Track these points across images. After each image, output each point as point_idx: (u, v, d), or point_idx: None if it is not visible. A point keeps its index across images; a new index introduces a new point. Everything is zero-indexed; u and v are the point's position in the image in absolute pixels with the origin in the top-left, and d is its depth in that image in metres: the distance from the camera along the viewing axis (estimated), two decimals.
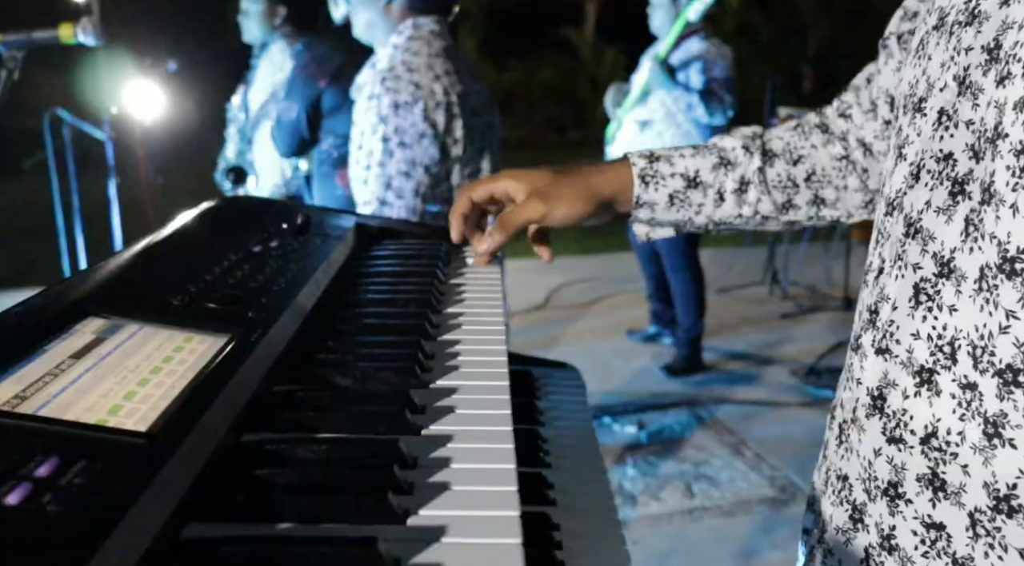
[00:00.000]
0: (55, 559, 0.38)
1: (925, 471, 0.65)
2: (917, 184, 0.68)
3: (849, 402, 0.74)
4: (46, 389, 0.54)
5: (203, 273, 0.80)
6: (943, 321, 0.63)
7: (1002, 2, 0.61)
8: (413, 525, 0.50)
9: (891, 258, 0.70)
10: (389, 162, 1.89)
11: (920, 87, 0.70)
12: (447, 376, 0.72)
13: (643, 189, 0.99)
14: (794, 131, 1.04)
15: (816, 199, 1.02)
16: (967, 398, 0.62)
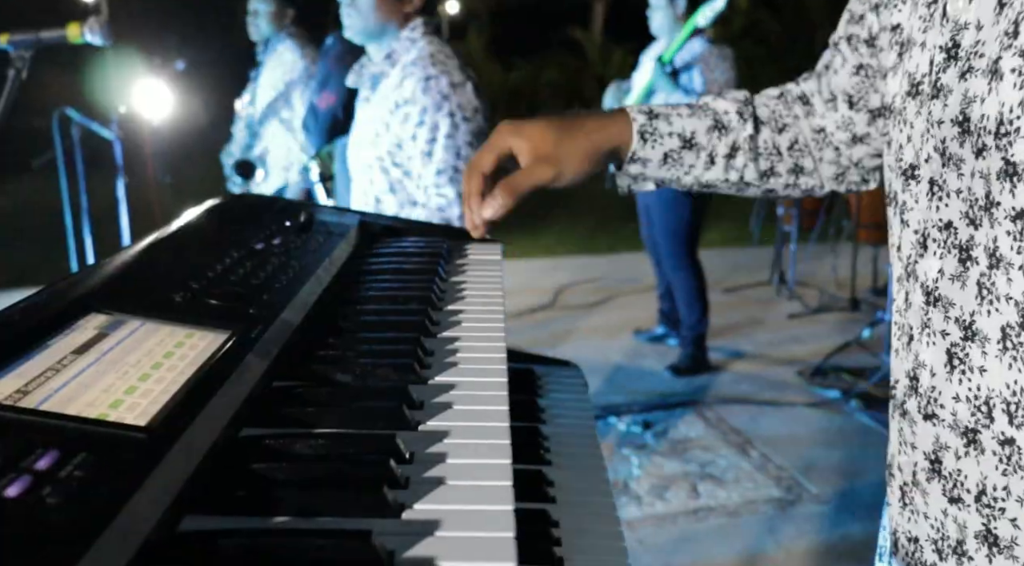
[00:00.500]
0: (53, 550, 0.38)
1: (980, 528, 0.68)
2: (926, 253, 0.70)
3: (907, 466, 0.76)
4: (48, 384, 0.55)
5: (205, 270, 0.80)
6: (976, 382, 0.66)
7: (960, 76, 0.64)
8: (408, 519, 0.50)
9: (918, 325, 0.72)
10: (456, 134, 2.10)
11: (907, 153, 0.72)
12: (446, 372, 0.73)
13: (640, 145, 0.99)
14: (779, 99, 1.05)
15: (796, 167, 1.03)
16: (1007, 453, 0.65)
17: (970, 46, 0.64)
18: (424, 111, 2.12)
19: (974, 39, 0.64)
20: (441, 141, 2.11)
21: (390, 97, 2.21)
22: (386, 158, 2.20)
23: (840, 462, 3.58)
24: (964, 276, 0.66)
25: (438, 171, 2.12)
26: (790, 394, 4.31)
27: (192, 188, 4.43)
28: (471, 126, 2.12)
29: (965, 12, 0.65)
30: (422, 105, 2.12)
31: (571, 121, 1.00)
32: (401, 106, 2.17)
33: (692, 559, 2.94)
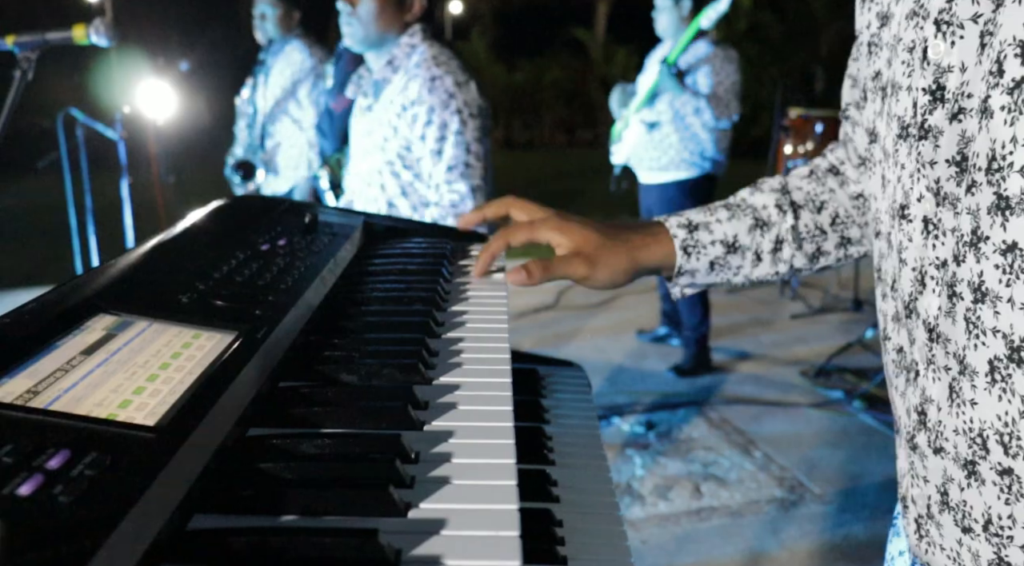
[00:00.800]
0: (65, 548, 0.39)
1: (992, 557, 0.69)
2: (925, 290, 0.72)
3: (921, 499, 0.77)
4: (58, 384, 0.55)
5: (212, 271, 0.81)
6: (969, 415, 0.68)
7: (950, 117, 0.66)
8: (414, 518, 0.51)
9: (923, 361, 0.73)
10: (465, 130, 2.15)
11: (899, 194, 0.74)
12: (450, 373, 0.74)
13: (685, 260, 1.01)
14: (809, 178, 1.05)
15: (843, 240, 1.04)
16: (1007, 483, 0.66)
17: (956, 88, 0.66)
18: (432, 110, 2.15)
19: (960, 81, 0.65)
20: (451, 138, 2.15)
21: (396, 101, 2.23)
22: (396, 162, 2.23)
23: (843, 462, 3.58)
24: (953, 312, 0.68)
25: (449, 167, 2.16)
26: (793, 395, 4.31)
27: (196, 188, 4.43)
28: (478, 122, 2.17)
29: (947, 56, 0.66)
30: (429, 104, 2.15)
31: (616, 232, 1.01)
32: (408, 108, 2.19)
33: (695, 559, 2.94)
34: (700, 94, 4.25)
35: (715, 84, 4.25)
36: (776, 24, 16.21)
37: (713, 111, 4.23)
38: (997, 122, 0.61)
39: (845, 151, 1.05)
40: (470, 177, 2.15)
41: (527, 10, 18.41)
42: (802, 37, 16.09)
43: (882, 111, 0.77)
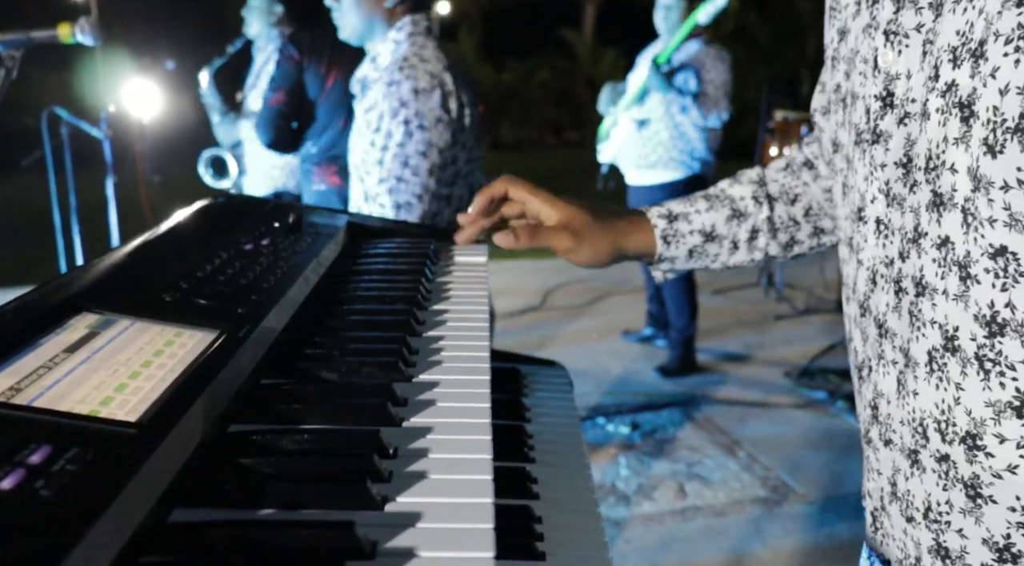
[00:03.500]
0: (46, 540, 0.40)
1: (932, 543, 0.72)
2: (876, 288, 0.75)
3: (875, 491, 0.81)
4: (40, 381, 0.56)
5: (195, 270, 0.82)
6: (912, 405, 0.71)
7: (898, 122, 0.69)
8: (391, 511, 0.52)
9: (875, 357, 0.77)
10: (408, 142, 2.04)
11: (855, 197, 0.77)
12: (430, 370, 0.75)
13: (665, 248, 1.06)
14: (785, 171, 1.10)
15: (816, 230, 1.09)
16: (944, 469, 0.68)
17: (903, 94, 0.68)
18: (381, 117, 2.07)
19: (906, 87, 0.68)
20: (392, 149, 2.05)
21: (367, 101, 2.18)
22: (360, 166, 2.17)
23: (826, 462, 3.61)
24: (899, 307, 0.71)
25: (380, 179, 2.07)
26: (777, 395, 4.34)
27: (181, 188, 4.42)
28: (427, 136, 2.05)
29: (895, 64, 0.69)
30: (379, 111, 2.08)
31: (603, 215, 1.06)
32: (368, 111, 2.14)
33: (679, 559, 2.96)
34: (687, 93, 4.26)
35: (705, 82, 4.27)
36: (763, 26, 16.28)
37: (700, 110, 4.24)
38: (933, 124, 0.64)
39: (818, 147, 1.09)
40: (398, 192, 2.05)
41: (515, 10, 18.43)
42: (788, 40, 16.16)
43: (844, 121, 0.80)
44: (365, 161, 2.14)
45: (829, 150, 1.01)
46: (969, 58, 0.59)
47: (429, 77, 2.09)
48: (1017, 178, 0.57)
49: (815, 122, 1.04)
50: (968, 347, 0.63)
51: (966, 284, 0.62)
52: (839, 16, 0.82)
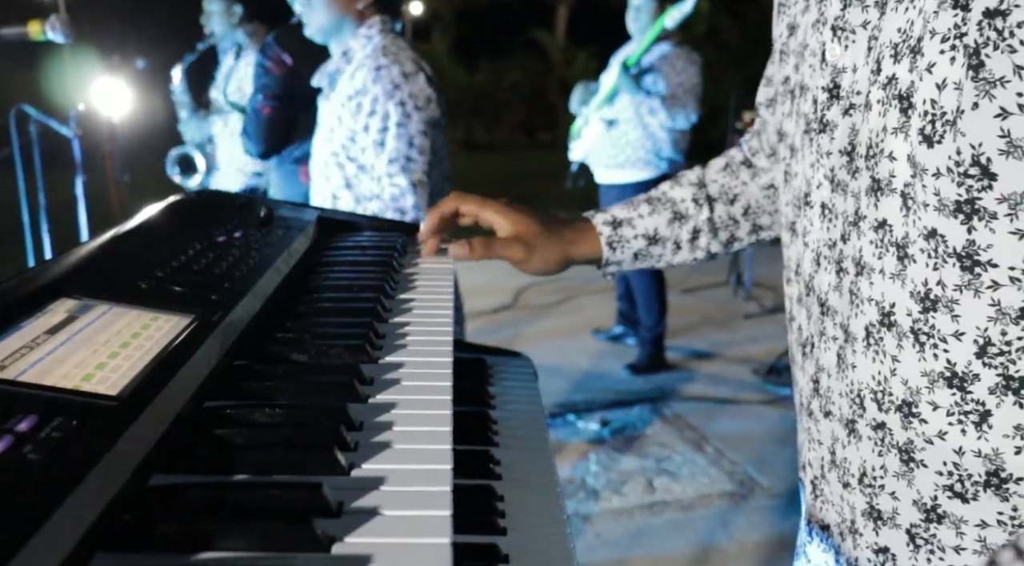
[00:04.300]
0: (35, 498, 0.43)
1: (865, 506, 0.77)
2: (819, 269, 0.80)
3: (816, 461, 0.86)
4: (24, 359, 0.59)
5: (169, 260, 0.85)
6: (851, 377, 0.76)
7: (843, 112, 0.74)
8: (356, 476, 0.56)
9: (817, 334, 0.82)
10: (409, 122, 2.13)
11: (801, 183, 0.82)
12: (396, 353, 0.78)
13: (611, 253, 1.12)
14: (725, 171, 1.15)
15: (755, 227, 1.14)
16: (880, 436, 0.74)
17: (849, 86, 0.73)
18: (375, 100, 2.15)
19: (851, 80, 0.73)
20: (393, 130, 2.13)
21: (344, 92, 2.24)
22: (341, 153, 2.23)
23: (791, 457, 3.67)
24: (840, 286, 0.76)
25: (390, 160, 2.14)
26: (745, 392, 4.41)
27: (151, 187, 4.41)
28: (423, 115, 2.15)
29: (842, 58, 0.74)
30: (373, 94, 2.15)
31: (552, 225, 1.11)
32: (353, 97, 2.20)
33: (647, 551, 3.01)
34: (655, 94, 4.31)
35: (674, 85, 4.32)
36: (734, 29, 16.43)
37: (668, 111, 4.29)
38: (874, 114, 0.69)
39: (759, 141, 1.14)
40: (410, 171, 2.13)
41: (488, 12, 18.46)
42: (759, 42, 16.32)
43: (791, 111, 0.84)
44: (349, 147, 2.20)
45: (774, 140, 1.07)
46: (908, 54, 0.64)
47: (412, 62, 2.19)
48: (948, 167, 0.62)
49: (759, 115, 1.09)
50: (904, 322, 0.68)
51: (903, 263, 0.67)
52: (788, 12, 0.87)
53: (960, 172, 0.61)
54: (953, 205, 0.62)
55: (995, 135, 0.58)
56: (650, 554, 2.99)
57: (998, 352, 0.63)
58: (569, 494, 3.37)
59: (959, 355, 0.66)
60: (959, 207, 0.62)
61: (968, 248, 0.62)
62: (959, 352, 0.65)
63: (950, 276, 0.64)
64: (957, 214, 0.62)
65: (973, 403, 0.66)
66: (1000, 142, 0.58)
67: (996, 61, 0.57)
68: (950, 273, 0.64)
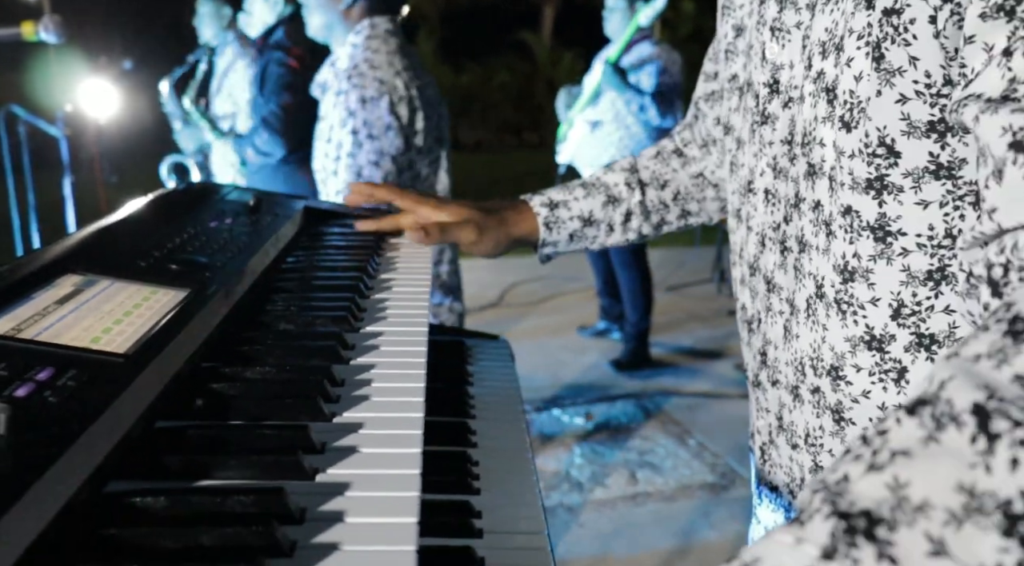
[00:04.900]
0: (55, 432, 0.49)
1: (811, 464, 0.84)
2: (765, 250, 0.87)
3: (764, 428, 0.93)
4: (37, 324, 0.65)
5: (165, 242, 0.91)
6: (795, 347, 0.83)
7: (783, 105, 0.81)
8: (338, 422, 0.63)
9: (764, 309, 0.89)
10: (359, 153, 2.05)
11: (745, 172, 0.89)
12: (376, 324, 0.85)
13: (548, 234, 1.18)
14: (656, 159, 1.22)
15: (683, 212, 1.21)
16: (816, 400, 0.81)
17: (787, 81, 0.80)
18: (332, 128, 2.10)
19: (789, 76, 0.80)
20: (344, 160, 2.07)
21: (322, 110, 2.21)
22: (320, 172, 2.22)
23: None
24: (784, 264, 0.83)
25: (336, 191, 2.09)
26: (727, 386, 4.48)
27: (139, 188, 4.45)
28: (377, 145, 2.06)
29: (780, 55, 0.81)
30: (330, 122, 2.11)
31: (490, 209, 1.17)
32: (320, 121, 2.18)
33: (630, 542, 3.07)
34: (644, 92, 4.37)
35: (660, 83, 4.38)
36: None
37: (659, 108, 4.34)
38: (807, 105, 0.76)
39: (691, 133, 1.22)
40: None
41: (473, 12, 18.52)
42: None
43: (739, 107, 0.92)
44: (324, 168, 2.16)
45: (715, 133, 1.14)
46: (833, 51, 0.72)
47: (378, 84, 2.08)
48: (859, 149, 0.69)
49: (699, 109, 1.17)
50: (830, 293, 0.76)
51: (829, 240, 0.75)
52: (734, 14, 0.95)
53: (869, 152, 0.68)
54: (865, 183, 0.70)
55: (897, 118, 0.66)
56: (633, 543, 3.05)
57: (910, 313, 0.71)
58: (553, 486, 3.43)
59: (876, 319, 0.73)
60: (870, 184, 0.69)
61: (880, 220, 0.70)
62: (876, 316, 0.73)
63: (865, 248, 0.72)
64: (869, 190, 0.70)
65: (891, 362, 0.73)
66: (902, 124, 0.66)
67: (894, 53, 0.65)
68: (865, 245, 0.72)
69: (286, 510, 0.48)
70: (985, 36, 0.55)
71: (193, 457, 0.54)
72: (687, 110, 1.24)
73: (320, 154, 2.21)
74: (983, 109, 0.51)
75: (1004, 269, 0.45)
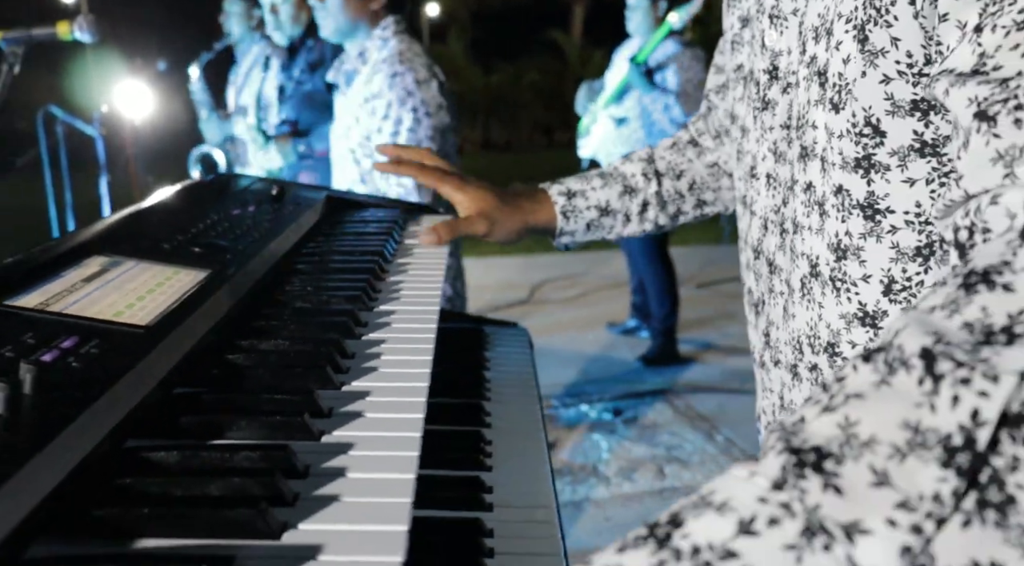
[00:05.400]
0: (77, 393, 0.53)
1: None
2: (767, 233, 0.88)
3: (768, 408, 0.95)
4: (64, 299, 0.69)
5: (189, 227, 0.94)
6: (792, 326, 0.84)
7: (782, 91, 0.82)
8: (346, 391, 0.65)
9: (767, 291, 0.90)
10: (418, 128, 2.22)
11: (749, 158, 0.91)
12: (389, 303, 0.88)
13: (565, 223, 1.19)
14: (672, 149, 1.24)
15: (699, 202, 1.22)
16: (814, 377, 0.82)
17: (785, 67, 0.82)
18: (389, 105, 2.25)
19: (787, 62, 0.82)
20: (404, 134, 2.23)
21: (361, 92, 2.34)
22: (357, 150, 2.34)
23: None
24: (783, 246, 0.84)
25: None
26: (755, 382, 4.47)
27: None
28: (433, 121, 2.25)
29: (778, 42, 0.83)
30: (387, 100, 2.25)
31: (509, 197, 1.18)
32: (370, 100, 2.30)
33: None
34: (669, 91, 4.39)
35: (683, 82, 4.39)
36: None
37: (683, 107, 4.36)
38: (802, 89, 0.78)
39: (705, 124, 1.23)
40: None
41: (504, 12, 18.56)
42: None
43: (743, 96, 0.93)
44: (364, 145, 2.32)
45: (726, 123, 1.16)
46: (825, 35, 0.73)
47: (425, 68, 2.28)
48: (847, 129, 0.71)
49: (710, 101, 1.18)
50: (824, 271, 0.77)
51: (822, 219, 0.76)
52: (740, 5, 0.96)
53: (856, 132, 0.70)
54: (854, 162, 0.71)
55: (881, 98, 0.68)
56: None
57: (901, 288, 0.72)
58: (580, 479, 3.45)
59: (868, 296, 0.74)
60: (858, 163, 0.71)
61: (869, 199, 0.72)
62: (868, 293, 0.74)
63: (855, 226, 0.73)
64: (857, 169, 0.71)
65: None
66: (886, 104, 0.68)
67: (877, 35, 0.66)
68: (855, 223, 0.73)
69: (290, 465, 0.51)
70: (958, 14, 0.56)
71: (207, 418, 0.57)
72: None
73: (356, 134, 2.33)
74: (952, 82, 0.53)
75: (969, 232, 0.46)
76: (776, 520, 0.33)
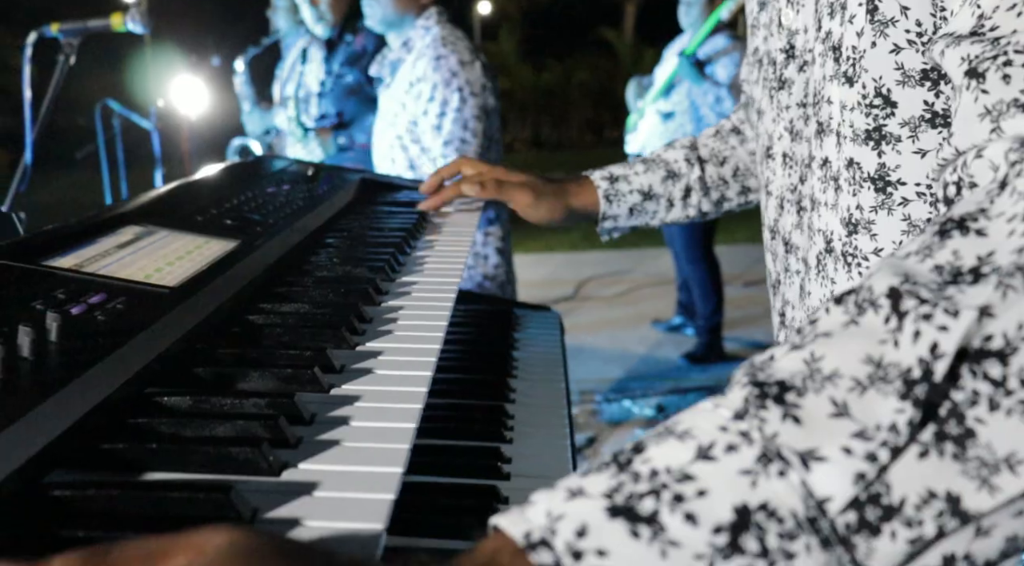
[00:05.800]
0: (101, 343, 0.55)
1: None
2: (783, 212, 0.88)
3: None
4: (98, 262, 0.72)
5: (224, 201, 0.97)
6: (808, 304, 0.84)
7: (799, 69, 0.82)
8: (360, 350, 0.67)
9: (782, 271, 0.90)
10: (464, 108, 2.29)
11: (765, 138, 0.91)
12: (412, 274, 0.90)
13: (608, 206, 1.19)
14: (715, 137, 1.24)
15: (743, 189, 1.22)
16: None
17: (802, 46, 0.82)
18: (435, 87, 2.30)
19: (804, 40, 0.82)
20: (450, 114, 2.29)
21: (406, 79, 2.40)
22: (405, 136, 2.39)
23: None
24: (800, 224, 0.84)
25: (445, 142, 2.30)
26: None
27: None
28: (478, 101, 2.31)
29: (795, 21, 0.83)
30: (432, 82, 2.31)
31: (552, 181, 1.20)
32: (415, 84, 2.36)
33: None
34: (720, 84, 4.35)
35: (734, 75, 4.36)
36: None
37: (734, 100, 4.33)
38: (817, 65, 0.78)
39: (745, 113, 1.23)
40: (464, 152, 2.28)
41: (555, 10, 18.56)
42: None
43: (759, 78, 0.93)
44: (412, 130, 2.37)
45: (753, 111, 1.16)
46: (840, 10, 0.73)
47: (469, 51, 2.34)
48: (858, 101, 0.71)
49: (744, 90, 1.18)
50: (838, 247, 0.77)
51: (836, 194, 0.76)
52: None
53: (867, 104, 0.70)
54: (864, 134, 0.71)
55: (892, 68, 0.68)
56: None
57: None
58: None
59: None
60: (869, 135, 0.71)
61: (880, 171, 0.71)
62: None
63: (866, 199, 0.73)
64: (868, 141, 0.71)
65: None
66: (896, 74, 0.68)
67: (887, 4, 0.66)
68: (866, 196, 0.73)
69: (296, 412, 0.53)
70: None
71: (222, 370, 0.59)
72: None
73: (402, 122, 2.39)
74: (948, 43, 0.53)
75: (956, 187, 0.46)
76: (734, 447, 0.34)
